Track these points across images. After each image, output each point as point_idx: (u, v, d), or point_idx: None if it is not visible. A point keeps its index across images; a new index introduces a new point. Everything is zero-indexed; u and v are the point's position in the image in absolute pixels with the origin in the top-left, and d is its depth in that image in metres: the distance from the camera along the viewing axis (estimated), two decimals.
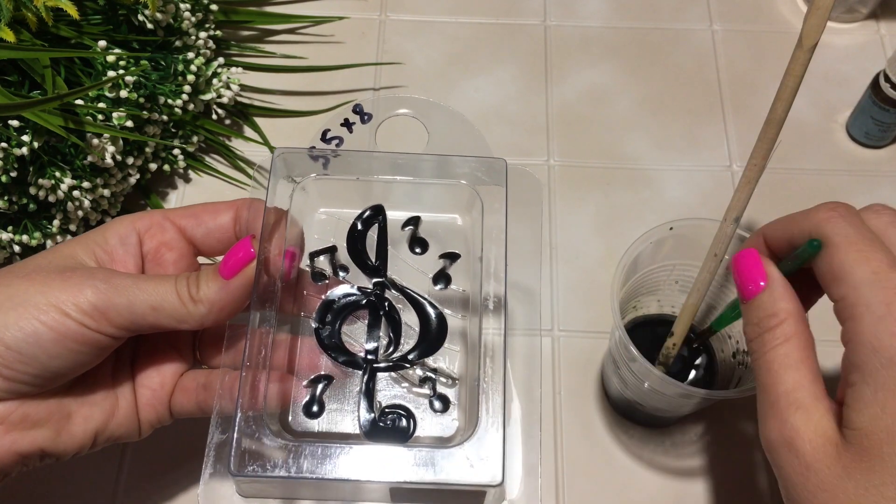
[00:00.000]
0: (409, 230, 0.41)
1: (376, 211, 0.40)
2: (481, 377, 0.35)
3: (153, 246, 0.37)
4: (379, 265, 0.39)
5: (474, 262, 0.39)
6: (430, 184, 0.40)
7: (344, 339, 0.38)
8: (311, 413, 0.36)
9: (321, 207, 0.41)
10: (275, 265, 0.36)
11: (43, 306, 0.31)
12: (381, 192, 0.40)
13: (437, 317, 0.38)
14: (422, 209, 0.41)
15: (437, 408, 0.37)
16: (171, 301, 0.33)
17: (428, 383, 0.38)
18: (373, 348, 0.37)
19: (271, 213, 0.37)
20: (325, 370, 0.37)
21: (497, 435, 0.34)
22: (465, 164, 0.39)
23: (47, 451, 0.33)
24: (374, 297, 0.38)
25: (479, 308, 0.37)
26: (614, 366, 0.43)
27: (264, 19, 0.59)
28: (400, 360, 0.37)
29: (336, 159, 0.39)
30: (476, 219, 0.39)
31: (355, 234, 0.40)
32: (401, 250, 0.40)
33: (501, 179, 0.39)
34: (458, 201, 0.41)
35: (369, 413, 0.36)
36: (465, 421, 0.37)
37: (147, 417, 0.37)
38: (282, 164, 0.39)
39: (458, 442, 0.34)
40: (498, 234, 0.38)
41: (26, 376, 0.32)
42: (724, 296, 0.42)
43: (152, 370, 0.37)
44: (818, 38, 0.30)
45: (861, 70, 0.58)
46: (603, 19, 0.61)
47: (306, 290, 0.39)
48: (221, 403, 0.34)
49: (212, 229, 0.38)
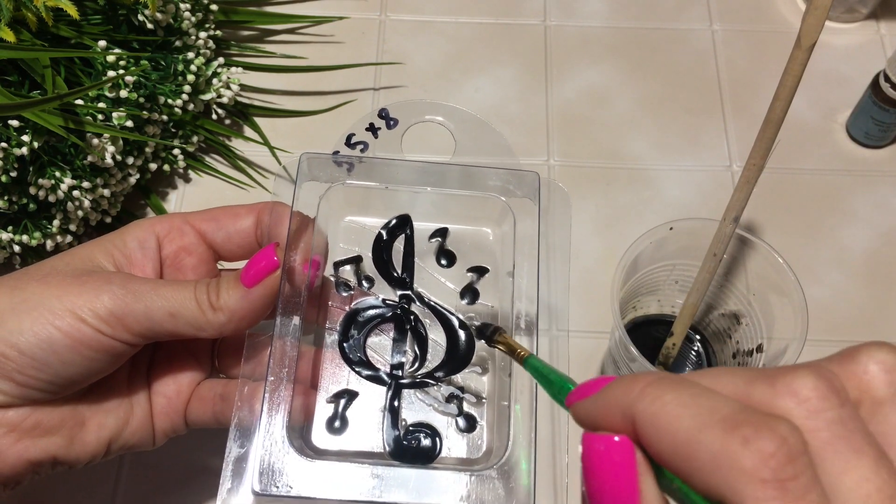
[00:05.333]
0: (437, 242, 0.40)
1: (403, 221, 0.39)
2: (510, 398, 0.34)
3: (172, 250, 0.36)
4: (405, 277, 0.38)
5: (503, 278, 0.38)
6: (458, 195, 0.39)
7: (368, 354, 0.37)
8: (334, 429, 0.35)
9: (347, 215, 0.40)
10: (299, 274, 0.35)
11: (58, 311, 0.31)
12: (407, 201, 0.39)
13: (465, 334, 0.37)
14: (450, 220, 0.40)
15: (462, 427, 0.36)
16: (190, 308, 0.32)
17: (454, 401, 0.36)
18: (398, 364, 0.36)
19: (295, 219, 0.36)
20: (348, 385, 0.36)
21: (527, 458, 0.32)
22: (495, 175, 0.38)
23: (60, 458, 0.32)
24: (399, 310, 0.37)
25: (510, 326, 0.36)
26: (614, 366, 0.43)
27: (264, 19, 0.59)
28: (426, 376, 0.36)
29: (361, 165, 0.38)
30: (507, 232, 0.38)
31: (381, 244, 0.39)
32: (427, 262, 0.39)
33: (533, 193, 0.38)
34: (487, 213, 0.39)
35: (394, 431, 0.35)
36: (492, 442, 0.35)
37: (162, 426, 0.35)
38: (306, 168, 0.38)
39: (485, 465, 0.33)
40: (530, 250, 0.37)
41: (40, 382, 0.31)
42: (724, 296, 0.42)
43: (169, 378, 0.36)
44: (816, 38, 0.30)
45: (861, 70, 0.58)
46: (603, 19, 0.61)
47: (330, 301, 0.38)
48: (240, 415, 0.33)
49: (232, 234, 0.36)
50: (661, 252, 0.41)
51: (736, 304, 0.42)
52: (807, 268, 0.50)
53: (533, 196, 0.38)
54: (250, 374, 0.34)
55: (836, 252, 0.51)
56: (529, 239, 0.37)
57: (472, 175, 0.38)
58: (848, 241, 0.52)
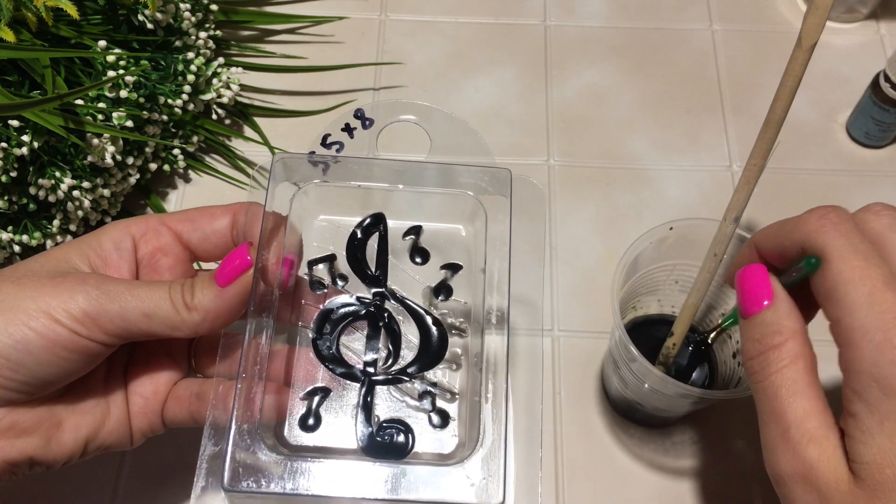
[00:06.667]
0: (411, 240, 0.40)
1: (377, 219, 0.39)
2: (482, 393, 0.34)
3: (148, 251, 0.36)
4: (379, 275, 0.38)
5: (476, 274, 0.38)
6: (432, 193, 0.39)
7: (342, 351, 0.37)
8: (307, 426, 0.36)
9: (321, 214, 0.41)
10: (272, 273, 0.35)
11: (33, 312, 0.31)
12: (381, 200, 0.39)
13: (437, 330, 0.37)
14: (423, 218, 0.40)
15: (436, 423, 0.36)
16: (165, 308, 0.32)
17: (427, 398, 0.37)
18: (371, 360, 0.37)
19: (270, 218, 0.36)
20: (322, 382, 0.36)
21: (498, 453, 0.33)
22: (468, 173, 0.38)
23: (37, 459, 0.32)
24: (373, 307, 0.38)
25: (481, 321, 0.36)
26: (614, 366, 0.43)
27: (264, 19, 0.59)
28: (399, 373, 0.36)
29: (336, 165, 0.39)
30: (479, 229, 0.39)
31: (355, 242, 0.39)
32: (401, 260, 0.39)
33: (506, 190, 0.38)
34: (461, 211, 0.40)
35: (367, 427, 0.35)
36: (465, 437, 0.36)
37: (139, 426, 0.36)
38: (281, 169, 0.38)
39: (458, 460, 0.33)
40: (501, 246, 0.37)
41: (15, 383, 0.31)
42: (723, 296, 0.42)
43: (145, 378, 0.36)
44: (817, 38, 0.30)
45: (861, 70, 0.58)
46: (603, 19, 0.61)
47: (304, 300, 0.38)
48: (215, 414, 0.33)
49: (208, 234, 0.37)
50: (661, 252, 0.41)
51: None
52: None
53: (505, 192, 0.38)
54: (225, 372, 0.35)
55: None
56: (501, 235, 0.37)
57: (445, 173, 0.39)
58: None
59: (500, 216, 0.38)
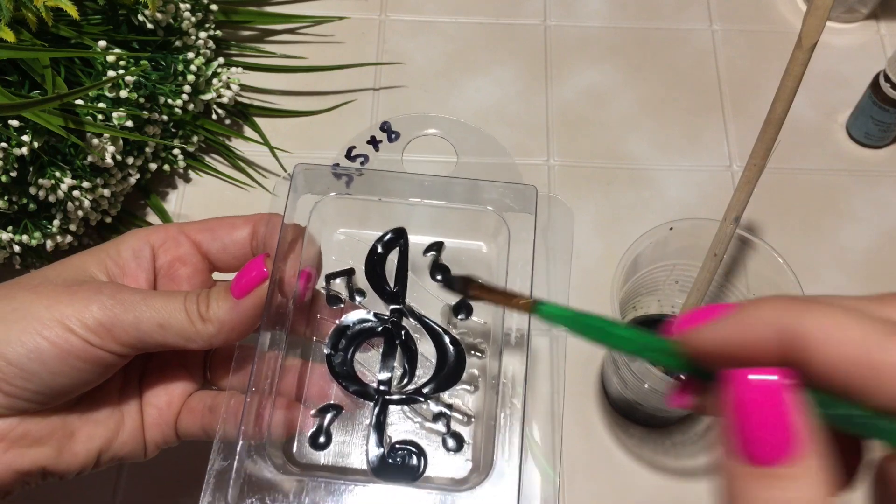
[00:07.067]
0: (432, 256, 0.39)
1: (398, 234, 0.38)
2: (499, 416, 0.33)
3: (167, 260, 0.36)
4: (398, 291, 0.38)
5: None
6: (455, 208, 0.38)
7: (356, 368, 0.36)
8: (318, 444, 0.35)
9: (341, 227, 0.40)
10: (289, 285, 0.35)
11: (47, 321, 0.30)
12: (403, 215, 0.39)
13: (455, 349, 0.36)
14: (445, 234, 0.39)
15: (450, 446, 0.35)
16: (179, 319, 0.32)
17: (442, 419, 0.36)
18: (386, 379, 0.36)
19: (289, 230, 0.35)
20: (334, 399, 0.36)
21: (512, 481, 0.32)
22: (493, 189, 0.38)
23: (49, 469, 0.32)
24: (390, 324, 0.37)
25: (500, 342, 0.35)
26: (614, 366, 0.43)
27: (264, 19, 0.59)
28: (414, 393, 0.36)
29: (360, 178, 0.38)
30: (502, 247, 0.38)
31: (375, 257, 0.38)
32: (422, 277, 0.39)
33: (531, 207, 0.37)
34: (483, 228, 0.39)
35: (378, 448, 0.34)
36: (479, 462, 0.35)
37: (153, 438, 0.35)
38: (303, 180, 0.37)
39: (471, 485, 0.32)
40: (524, 266, 0.36)
41: (27, 393, 0.30)
42: (724, 296, 0.42)
43: (160, 389, 0.36)
44: (817, 38, 0.30)
45: (861, 70, 0.58)
46: (603, 19, 0.61)
47: (320, 314, 0.37)
48: (225, 428, 0.33)
49: (228, 245, 0.36)
50: (661, 252, 0.41)
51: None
52: (807, 268, 0.50)
53: (530, 210, 0.37)
54: (238, 385, 0.34)
55: (836, 252, 0.51)
56: (524, 255, 0.36)
57: (470, 189, 0.38)
58: (848, 241, 0.52)
59: (523, 234, 0.37)
